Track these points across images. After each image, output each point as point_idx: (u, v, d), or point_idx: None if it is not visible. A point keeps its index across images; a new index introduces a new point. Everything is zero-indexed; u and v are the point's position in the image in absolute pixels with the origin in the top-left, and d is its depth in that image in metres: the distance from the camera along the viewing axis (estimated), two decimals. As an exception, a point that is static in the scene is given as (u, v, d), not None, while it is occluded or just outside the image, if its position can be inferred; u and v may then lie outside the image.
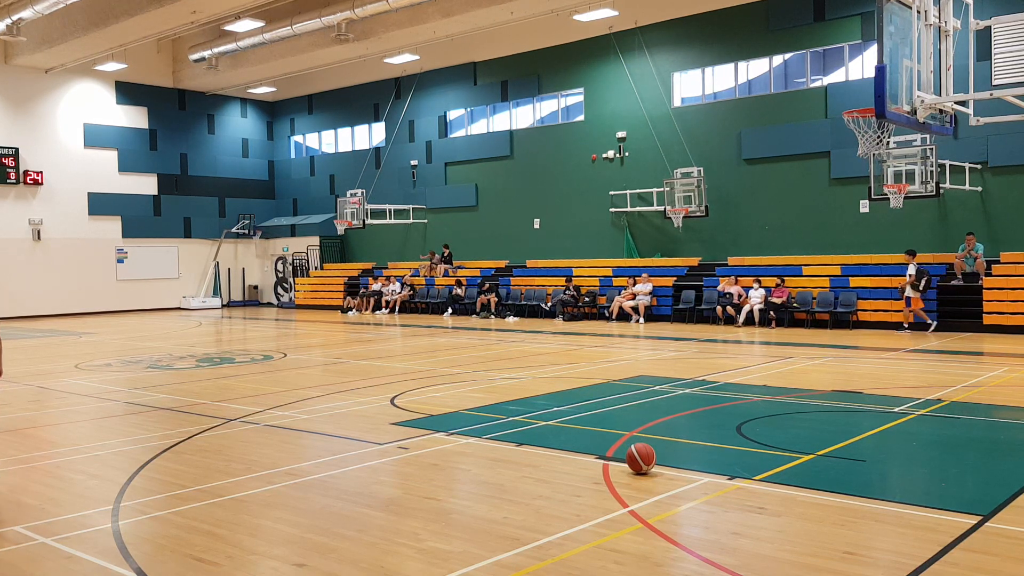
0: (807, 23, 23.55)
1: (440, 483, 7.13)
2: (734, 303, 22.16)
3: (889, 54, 9.67)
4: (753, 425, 9.19)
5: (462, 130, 32.00)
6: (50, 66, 30.60)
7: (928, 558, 5.12)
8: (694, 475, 7.12)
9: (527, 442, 8.49)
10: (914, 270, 19.51)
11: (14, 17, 25.27)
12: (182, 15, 25.16)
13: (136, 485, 7.20)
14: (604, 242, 27.59)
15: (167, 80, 34.64)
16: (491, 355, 16.42)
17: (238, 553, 5.49)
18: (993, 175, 20.79)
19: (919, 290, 19.20)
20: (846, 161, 22.29)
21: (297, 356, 16.91)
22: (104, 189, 32.92)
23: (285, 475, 7.38)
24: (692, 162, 25.07)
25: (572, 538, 5.60)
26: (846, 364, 14.37)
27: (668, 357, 15.73)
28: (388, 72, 32.71)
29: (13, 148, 30.16)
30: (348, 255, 35.93)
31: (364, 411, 10.43)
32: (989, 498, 6.32)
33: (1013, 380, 12.17)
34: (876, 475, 7.38)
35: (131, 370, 15.07)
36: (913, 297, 19.36)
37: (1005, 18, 10.55)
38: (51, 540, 5.79)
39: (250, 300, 37.40)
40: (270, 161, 38.65)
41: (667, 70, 26.16)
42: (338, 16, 26.14)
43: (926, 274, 19.33)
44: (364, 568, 5.18)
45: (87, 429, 9.87)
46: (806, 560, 5.15)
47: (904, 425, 9.17)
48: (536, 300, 26.46)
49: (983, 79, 12.11)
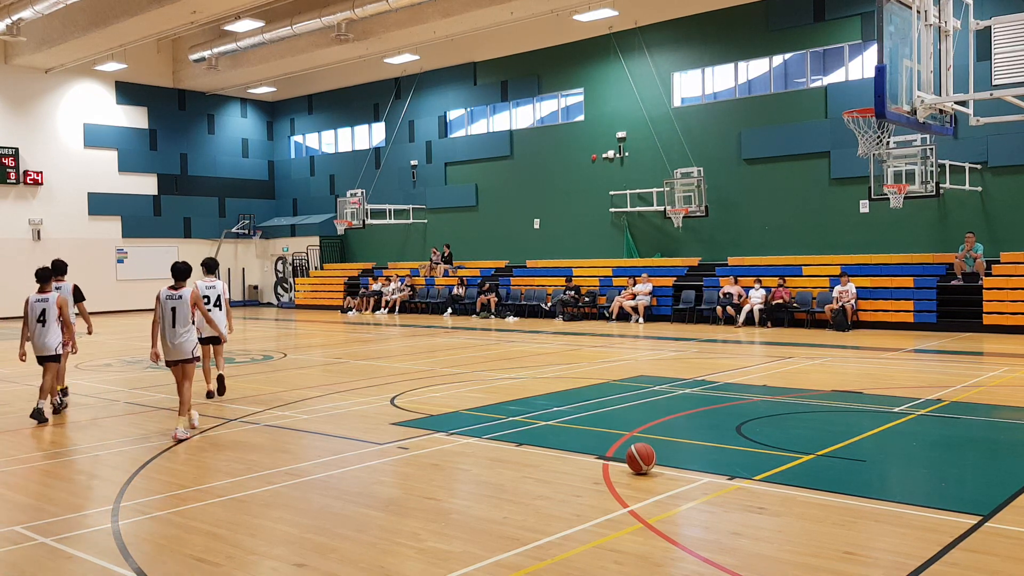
0: (807, 23, 23.55)
1: (440, 483, 7.12)
2: (734, 303, 22.16)
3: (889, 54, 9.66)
4: (753, 425, 9.19)
5: (462, 130, 32.00)
6: (50, 66, 30.60)
7: (928, 558, 5.12)
8: (694, 475, 7.11)
9: (527, 442, 8.49)
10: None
11: (14, 17, 25.27)
12: (182, 15, 25.16)
13: (136, 485, 7.20)
14: (604, 242, 27.58)
15: (167, 80, 34.64)
16: (491, 355, 16.41)
17: (238, 553, 5.49)
18: (993, 175, 20.79)
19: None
20: (846, 161, 22.29)
21: (297, 356, 16.91)
22: (104, 189, 32.93)
23: (285, 475, 7.38)
24: (692, 162, 25.06)
25: (572, 538, 5.60)
26: (846, 364, 14.37)
27: (668, 357, 15.73)
28: (388, 72, 32.70)
29: (13, 148, 30.16)
30: (348, 255, 35.93)
31: (364, 411, 10.43)
32: (989, 498, 6.32)
33: (1013, 380, 12.16)
34: (876, 475, 7.37)
35: (131, 370, 15.07)
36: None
37: (1005, 18, 10.55)
38: (51, 540, 5.79)
39: (250, 300, 37.40)
40: (270, 161, 38.65)
41: (667, 70, 26.15)
42: (338, 16, 26.14)
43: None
44: (364, 568, 5.18)
45: (87, 429, 9.87)
46: (806, 560, 5.15)
47: (904, 425, 9.17)
48: (536, 300, 26.46)
49: (983, 79, 12.10)
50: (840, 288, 20.58)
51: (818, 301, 21.29)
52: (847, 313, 20.15)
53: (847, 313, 20.15)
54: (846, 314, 20.13)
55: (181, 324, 9.20)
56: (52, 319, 10.39)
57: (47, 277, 10.68)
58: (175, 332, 9.19)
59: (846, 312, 20.16)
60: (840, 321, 20.04)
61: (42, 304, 10.43)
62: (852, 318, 20.30)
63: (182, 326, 9.21)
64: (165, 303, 9.22)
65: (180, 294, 9.24)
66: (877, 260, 21.83)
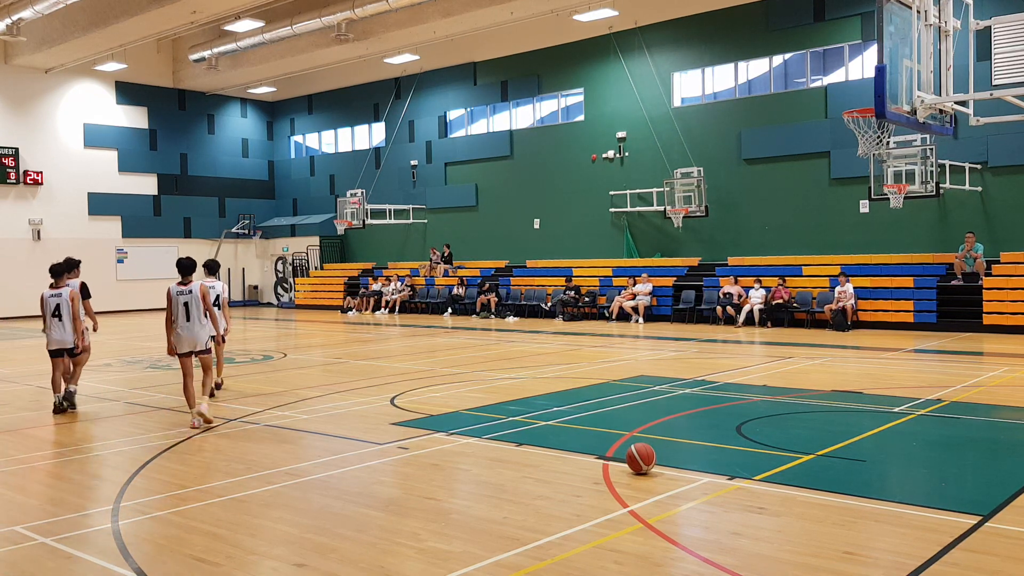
0: (807, 23, 23.55)
1: (440, 483, 7.12)
2: (734, 303, 22.16)
3: (889, 54, 9.66)
4: (753, 425, 9.19)
5: (462, 130, 32.00)
6: (50, 66, 30.60)
7: (928, 558, 5.12)
8: (694, 475, 7.11)
9: (527, 442, 8.49)
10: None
11: (14, 17, 25.27)
12: (182, 15, 25.16)
13: (136, 485, 7.20)
14: (604, 242, 27.58)
15: (167, 80, 34.64)
16: (491, 355, 16.41)
17: (238, 553, 5.49)
18: (993, 175, 20.79)
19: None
20: (846, 161, 22.29)
21: (297, 356, 16.91)
22: (104, 189, 32.93)
23: (285, 475, 7.38)
24: (692, 162, 25.06)
25: (572, 538, 5.60)
26: (846, 364, 14.37)
27: (668, 357, 15.73)
28: (388, 72, 32.70)
29: (13, 148, 30.16)
30: (348, 255, 35.93)
31: (364, 411, 10.43)
32: (989, 498, 6.32)
33: (1013, 380, 12.16)
34: (876, 475, 7.37)
35: (131, 370, 15.07)
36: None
37: (1005, 18, 10.55)
38: (51, 540, 5.79)
39: (250, 300, 37.40)
40: (270, 161, 38.65)
41: (667, 70, 26.15)
42: (338, 16, 26.14)
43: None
44: (364, 568, 5.18)
45: (87, 429, 9.87)
46: (806, 560, 5.15)
47: (904, 425, 9.17)
48: (536, 300, 26.46)
49: (983, 79, 12.10)
50: (839, 289, 20.59)
51: (818, 301, 21.29)
52: (846, 314, 20.16)
53: (846, 314, 20.16)
54: (845, 314, 20.13)
55: (195, 317, 9.72)
56: (67, 313, 10.78)
57: (60, 272, 10.99)
58: (190, 325, 9.71)
59: (845, 312, 20.16)
60: (839, 321, 20.05)
61: (56, 299, 10.82)
62: (852, 318, 20.30)
63: (196, 319, 9.73)
64: (177, 299, 9.72)
65: (190, 289, 9.73)
66: (877, 260, 21.83)
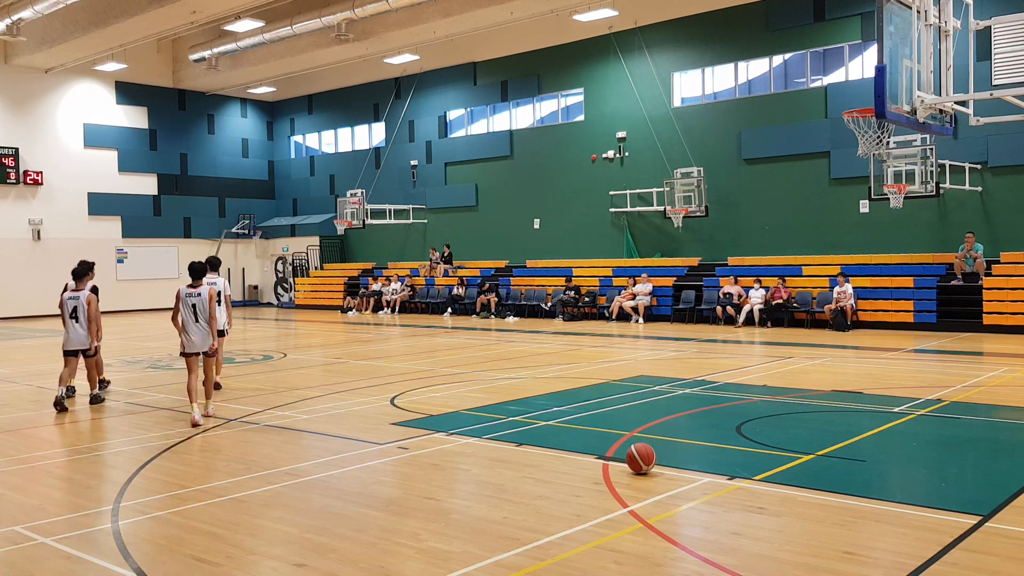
0: (807, 23, 23.55)
1: (440, 483, 7.12)
2: (734, 303, 22.16)
3: (889, 54, 9.66)
4: (753, 425, 9.19)
5: (462, 130, 32.00)
6: (50, 66, 30.60)
7: (928, 558, 5.12)
8: (694, 475, 7.11)
9: (527, 442, 8.49)
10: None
11: (14, 17, 25.27)
12: (182, 15, 25.16)
13: (136, 485, 7.20)
14: (604, 242, 27.58)
15: (167, 80, 34.64)
16: (491, 355, 16.41)
17: (238, 553, 5.49)
18: (993, 175, 20.79)
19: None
20: (846, 161, 22.29)
21: (297, 356, 16.91)
22: (104, 189, 32.93)
23: (285, 475, 7.38)
24: (692, 162, 25.06)
25: (572, 538, 5.60)
26: (846, 364, 14.37)
27: (668, 357, 15.73)
28: (388, 72, 32.70)
29: (13, 148, 30.16)
30: (348, 255, 35.93)
31: (364, 411, 10.43)
32: (989, 498, 6.32)
33: (1013, 380, 12.16)
34: (876, 475, 7.37)
35: (131, 370, 15.07)
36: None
37: (1005, 18, 10.55)
38: (51, 540, 5.79)
39: (250, 300, 37.40)
40: (270, 161, 38.65)
41: (667, 70, 26.15)
42: (338, 16, 26.14)
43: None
44: (364, 568, 5.18)
45: (87, 429, 9.88)
46: (806, 560, 5.15)
47: (904, 425, 9.17)
48: (536, 300, 26.46)
49: (983, 79, 12.09)
50: (838, 289, 20.60)
51: (818, 301, 21.29)
52: (846, 314, 20.16)
53: (846, 314, 20.16)
54: (845, 315, 20.13)
55: (204, 319, 10.03)
56: (83, 315, 11.14)
57: (82, 275, 11.31)
58: (198, 327, 10.03)
59: (845, 313, 20.16)
60: (839, 321, 20.04)
61: (74, 301, 11.20)
62: (852, 318, 20.30)
63: (204, 321, 10.04)
64: (186, 300, 10.07)
65: (199, 291, 10.09)
66: (877, 260, 21.83)
